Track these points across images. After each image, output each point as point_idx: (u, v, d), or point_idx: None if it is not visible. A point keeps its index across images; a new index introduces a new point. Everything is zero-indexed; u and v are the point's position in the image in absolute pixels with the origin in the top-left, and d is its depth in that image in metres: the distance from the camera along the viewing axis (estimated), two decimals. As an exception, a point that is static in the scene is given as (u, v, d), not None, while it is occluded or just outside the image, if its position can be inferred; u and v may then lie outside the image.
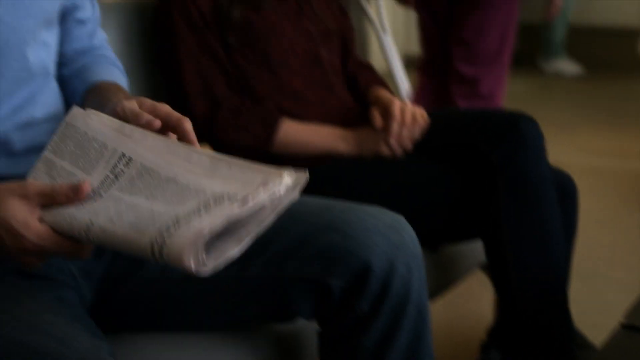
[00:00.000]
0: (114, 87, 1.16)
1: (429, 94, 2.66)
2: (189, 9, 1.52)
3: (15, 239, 0.87)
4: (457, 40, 2.55)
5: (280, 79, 1.56)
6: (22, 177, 0.95)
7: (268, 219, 0.84)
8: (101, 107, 1.02)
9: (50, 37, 1.15)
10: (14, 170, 1.05)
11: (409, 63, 6.08)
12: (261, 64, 1.56)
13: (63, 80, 1.23)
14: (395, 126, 1.48)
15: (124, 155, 0.89)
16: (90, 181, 0.89)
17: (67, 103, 1.19)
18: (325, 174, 1.50)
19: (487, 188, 1.45)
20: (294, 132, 1.53)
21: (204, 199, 0.82)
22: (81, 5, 1.24)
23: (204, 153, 0.88)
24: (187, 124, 0.95)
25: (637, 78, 5.43)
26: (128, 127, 0.92)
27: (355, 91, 1.68)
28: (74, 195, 0.87)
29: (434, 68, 2.68)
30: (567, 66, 5.72)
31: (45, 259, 0.92)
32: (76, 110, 0.94)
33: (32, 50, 1.09)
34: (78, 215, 0.85)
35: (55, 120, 1.08)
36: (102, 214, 0.84)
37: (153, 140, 0.90)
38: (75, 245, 0.88)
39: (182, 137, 0.95)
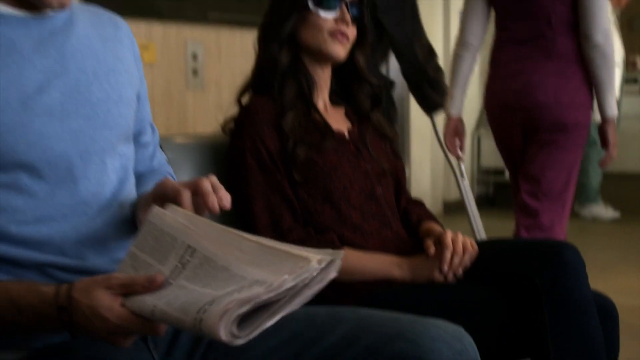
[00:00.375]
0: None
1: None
2: (260, 150, 1.70)
3: (103, 322, 1.04)
4: (525, 175, 2.76)
5: (341, 212, 1.72)
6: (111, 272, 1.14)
7: (302, 295, 0.99)
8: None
9: (127, 150, 1.35)
10: (104, 265, 1.24)
11: (448, 208, 6.23)
12: (323, 198, 1.72)
13: None
14: (448, 254, 1.62)
15: (189, 246, 1.06)
16: (163, 272, 1.06)
17: None
18: (381, 298, 1.63)
19: (534, 310, 1.56)
20: (353, 259, 1.66)
21: (242, 284, 0.99)
22: (144, 131, 1.45)
23: (254, 240, 1.06)
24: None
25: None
26: (195, 219, 1.11)
27: (408, 225, 1.83)
28: (150, 285, 1.04)
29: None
30: (603, 211, 5.84)
31: (130, 337, 1.08)
32: (155, 209, 1.12)
33: (111, 158, 1.29)
34: (147, 300, 1.03)
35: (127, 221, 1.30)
36: (164, 298, 1.02)
37: (215, 230, 1.08)
38: (151, 324, 1.04)
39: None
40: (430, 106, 3.11)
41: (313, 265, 0.99)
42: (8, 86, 1.18)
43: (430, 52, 3.01)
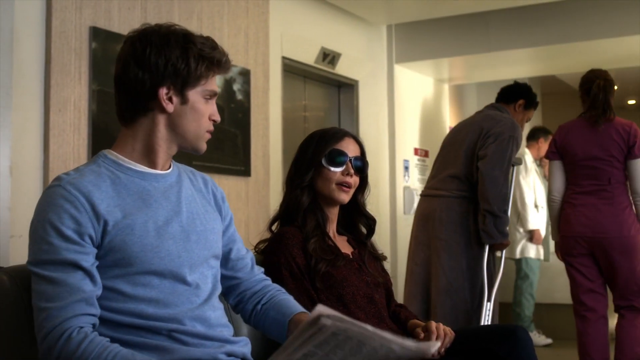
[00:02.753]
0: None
1: None
2: (291, 264, 2.29)
3: None
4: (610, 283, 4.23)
5: (350, 311, 2.30)
6: (215, 339, 1.74)
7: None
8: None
9: (216, 264, 1.95)
10: (211, 334, 1.81)
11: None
12: (337, 301, 2.30)
13: (261, 311, 2.06)
14: (433, 338, 2.20)
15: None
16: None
17: (272, 329, 2.03)
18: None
19: (497, 374, 2.15)
20: (365, 344, 2.23)
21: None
22: (234, 248, 2.05)
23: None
24: None
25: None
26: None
27: (398, 321, 2.42)
28: None
29: None
30: (536, 338, 6.35)
31: None
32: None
33: (204, 269, 1.89)
34: None
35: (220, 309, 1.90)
36: None
37: None
38: None
39: None
40: (486, 234, 4.18)
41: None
42: (148, 220, 1.78)
43: (504, 200, 4.12)
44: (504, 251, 4.48)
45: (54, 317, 1.65)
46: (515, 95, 4.63)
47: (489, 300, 4.24)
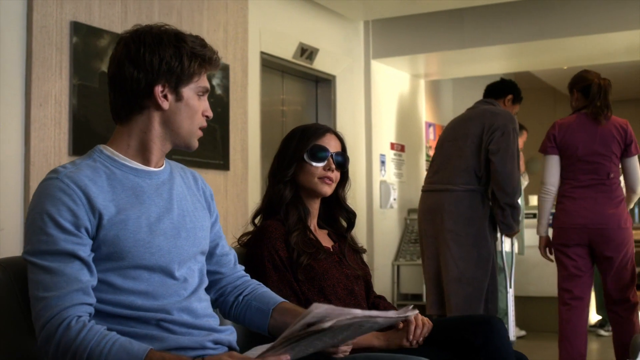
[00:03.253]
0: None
1: None
2: (274, 257, 2.35)
3: None
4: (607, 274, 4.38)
5: (331, 303, 2.35)
6: (202, 328, 1.80)
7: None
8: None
9: (201, 259, 2.01)
10: (198, 323, 1.87)
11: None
12: (318, 293, 2.36)
13: (243, 302, 2.11)
14: (412, 327, 2.27)
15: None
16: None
17: (254, 319, 2.10)
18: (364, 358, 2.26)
19: (473, 362, 2.23)
20: (345, 334, 2.30)
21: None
22: (219, 244, 2.11)
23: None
24: None
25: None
26: None
27: (377, 312, 2.49)
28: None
29: None
30: (511, 330, 6.48)
31: None
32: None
33: (192, 264, 1.95)
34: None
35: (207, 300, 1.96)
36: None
37: None
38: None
39: None
40: (506, 226, 4.46)
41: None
42: (140, 216, 1.83)
43: (519, 191, 4.36)
44: (514, 238, 4.82)
45: (53, 306, 1.69)
46: (504, 90, 4.91)
47: (510, 286, 4.60)
